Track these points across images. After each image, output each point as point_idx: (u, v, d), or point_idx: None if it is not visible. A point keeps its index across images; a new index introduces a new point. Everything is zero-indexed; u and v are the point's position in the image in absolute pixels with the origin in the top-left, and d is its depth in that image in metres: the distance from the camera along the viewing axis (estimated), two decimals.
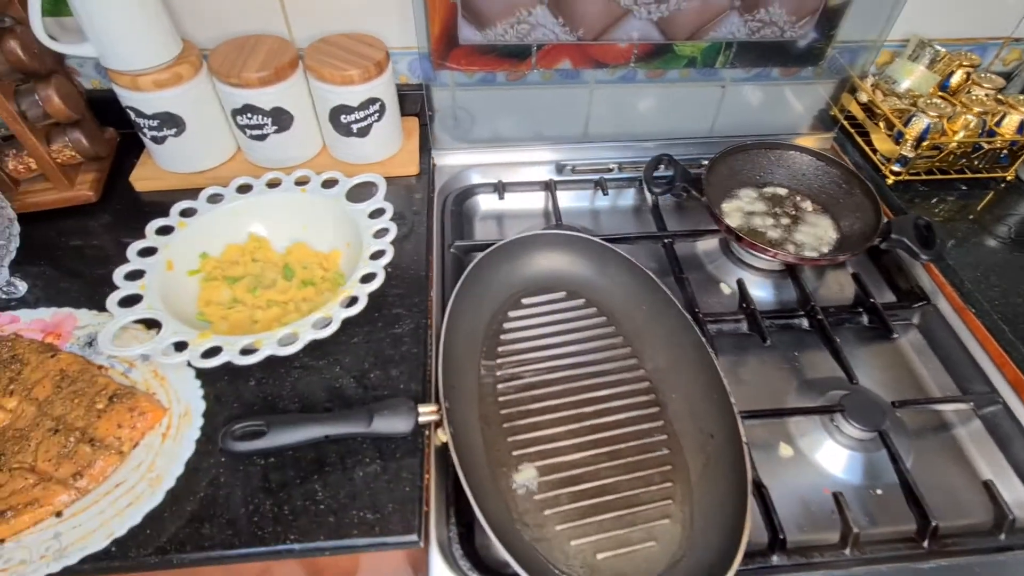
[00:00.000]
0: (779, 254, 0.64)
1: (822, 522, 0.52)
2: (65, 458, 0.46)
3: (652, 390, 0.56)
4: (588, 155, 0.83)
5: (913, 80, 0.77)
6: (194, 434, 0.48)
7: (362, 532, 0.45)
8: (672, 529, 0.48)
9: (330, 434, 0.47)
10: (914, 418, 0.59)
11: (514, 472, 0.51)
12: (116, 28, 0.58)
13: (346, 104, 0.67)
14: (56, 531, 0.43)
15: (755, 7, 0.73)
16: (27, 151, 0.63)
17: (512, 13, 0.71)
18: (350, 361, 0.56)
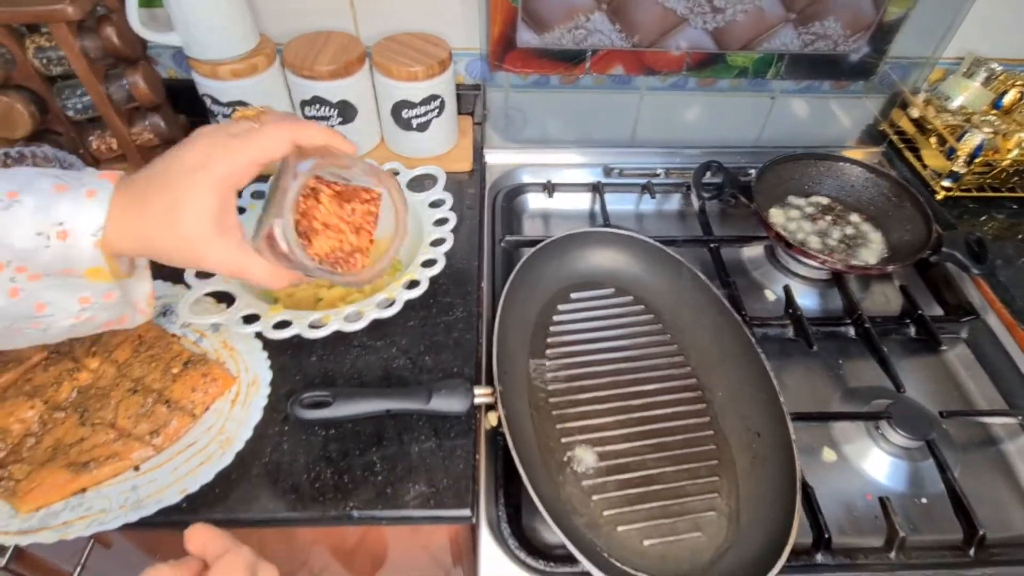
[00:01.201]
0: (828, 262, 0.65)
1: (865, 526, 0.52)
2: (143, 417, 0.48)
3: (698, 387, 0.57)
4: (635, 159, 0.85)
5: (966, 97, 0.77)
6: (261, 402, 0.50)
7: (417, 504, 0.47)
8: (718, 522, 0.49)
9: (391, 408, 0.49)
10: (960, 430, 0.59)
11: (573, 452, 0.52)
12: (203, 20, 0.62)
13: (409, 100, 0.69)
14: (134, 484, 0.46)
15: (810, 20, 0.74)
16: (111, 132, 0.67)
17: (571, 18, 0.73)
18: (406, 343, 0.58)
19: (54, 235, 0.33)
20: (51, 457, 0.46)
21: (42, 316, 0.35)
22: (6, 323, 0.35)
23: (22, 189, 0.33)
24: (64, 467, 0.45)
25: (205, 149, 0.35)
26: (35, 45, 0.61)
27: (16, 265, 0.33)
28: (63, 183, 0.33)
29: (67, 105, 0.65)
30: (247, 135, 0.35)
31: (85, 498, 0.45)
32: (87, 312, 0.37)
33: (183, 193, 0.34)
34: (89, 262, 0.34)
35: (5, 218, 0.32)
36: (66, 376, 0.51)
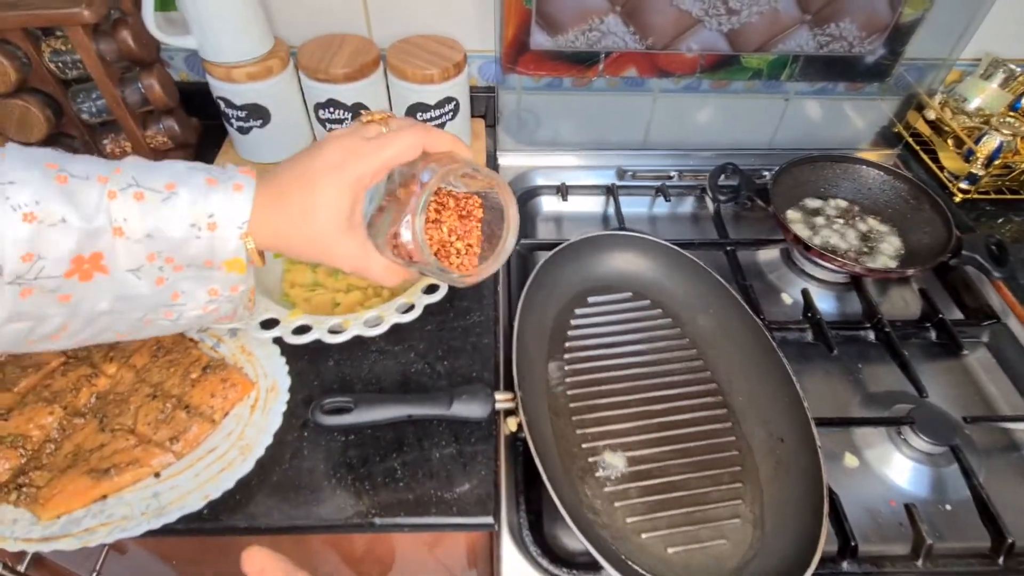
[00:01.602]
0: (847, 265, 0.64)
1: (890, 534, 0.52)
2: (162, 423, 0.48)
3: (719, 391, 0.57)
4: (648, 162, 0.85)
5: (984, 99, 0.76)
6: (281, 407, 0.50)
7: (440, 511, 0.47)
8: (743, 529, 0.48)
9: (412, 414, 0.48)
10: (983, 435, 0.58)
11: (594, 458, 0.51)
12: (219, 23, 0.62)
13: (424, 102, 0.69)
14: (155, 491, 0.45)
15: (826, 21, 0.74)
16: (125, 135, 0.67)
17: (584, 20, 0.73)
18: (424, 348, 0.58)
19: (205, 226, 0.34)
20: (71, 463, 0.46)
21: (175, 305, 0.37)
22: (142, 312, 0.37)
23: (179, 182, 0.34)
24: (85, 473, 0.45)
25: (342, 151, 0.36)
26: (51, 48, 0.61)
27: (167, 255, 0.35)
28: (213, 177, 0.35)
29: (82, 108, 0.65)
30: (381, 139, 0.37)
31: (106, 505, 0.45)
32: (213, 304, 0.38)
33: (321, 192, 0.36)
34: (232, 253, 0.36)
35: (164, 209, 0.34)
36: (84, 382, 0.50)
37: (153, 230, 0.34)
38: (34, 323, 0.34)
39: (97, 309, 0.35)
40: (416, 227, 0.36)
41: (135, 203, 0.33)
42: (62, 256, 0.32)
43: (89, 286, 0.33)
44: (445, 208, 0.42)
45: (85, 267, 0.33)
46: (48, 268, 0.32)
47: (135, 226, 0.33)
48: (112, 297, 0.35)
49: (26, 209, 0.30)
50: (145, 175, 0.34)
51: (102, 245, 0.33)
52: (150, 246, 0.34)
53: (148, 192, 0.33)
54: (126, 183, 0.33)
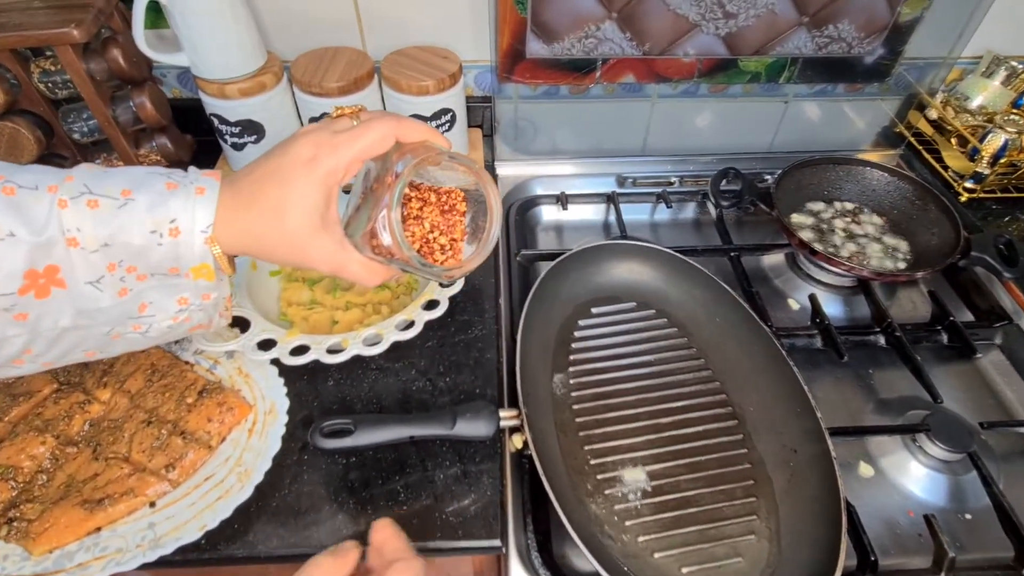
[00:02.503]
0: (855, 269, 0.63)
1: (910, 545, 0.50)
2: (158, 450, 0.47)
3: (729, 403, 0.55)
4: (647, 168, 0.84)
5: (986, 97, 0.76)
6: (279, 430, 0.49)
7: (445, 535, 0.45)
8: (758, 545, 0.47)
9: (415, 435, 0.47)
10: (999, 440, 0.57)
11: (603, 475, 0.50)
12: (211, 39, 0.61)
13: (420, 114, 0.68)
14: (150, 521, 0.44)
15: (824, 23, 0.73)
16: (117, 154, 0.66)
17: (580, 27, 0.72)
18: (425, 364, 0.56)
19: (166, 232, 0.33)
20: (64, 495, 0.44)
21: (143, 316, 0.35)
22: (108, 327, 0.35)
23: (136, 187, 0.33)
24: (78, 505, 0.43)
25: (312, 146, 0.35)
26: (40, 69, 0.60)
27: (128, 264, 0.33)
28: (173, 181, 0.34)
29: (73, 128, 0.64)
30: (352, 132, 0.36)
31: (100, 537, 0.43)
32: (184, 313, 0.37)
33: (291, 188, 0.34)
34: (198, 259, 0.34)
35: (121, 216, 0.32)
36: (77, 409, 0.49)
37: (109, 238, 0.32)
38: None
39: (59, 326, 0.33)
40: (392, 221, 0.35)
41: (88, 211, 0.32)
42: (14, 271, 0.30)
43: (47, 302, 0.32)
44: (427, 204, 0.41)
45: (41, 282, 0.31)
46: (1, 286, 0.30)
47: (89, 235, 0.32)
48: (73, 312, 0.33)
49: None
50: (98, 182, 0.33)
51: (56, 257, 0.31)
52: (109, 255, 0.32)
53: (103, 199, 0.32)
54: (78, 191, 0.32)
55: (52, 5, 0.58)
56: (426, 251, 0.40)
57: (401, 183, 0.35)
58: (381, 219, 0.35)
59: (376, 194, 0.36)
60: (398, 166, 0.35)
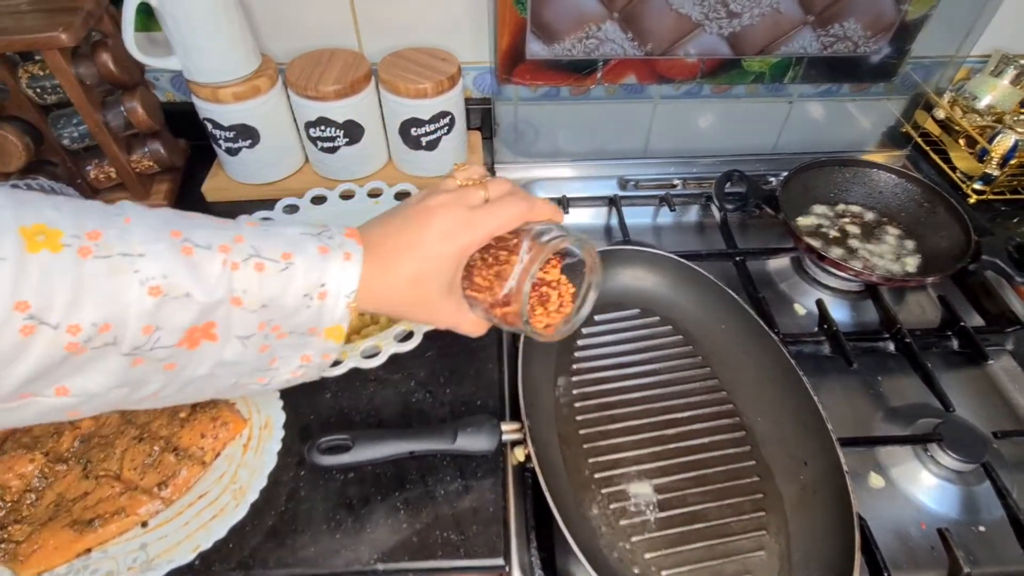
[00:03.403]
0: (863, 273, 0.62)
1: (922, 559, 0.49)
2: (150, 467, 0.45)
3: (736, 413, 0.54)
4: (649, 171, 0.82)
5: (995, 96, 0.74)
6: (275, 446, 0.47)
7: (447, 554, 0.44)
8: (768, 562, 0.45)
9: (415, 450, 0.46)
10: (1012, 450, 0.56)
11: (608, 489, 0.49)
12: (203, 43, 0.59)
13: (418, 117, 0.67)
14: (142, 542, 0.43)
15: (829, 22, 0.72)
16: (109, 160, 0.65)
17: (581, 28, 0.71)
18: (424, 375, 0.55)
19: (316, 296, 0.34)
20: (53, 515, 0.43)
21: (271, 369, 0.36)
22: (236, 378, 0.36)
23: (295, 251, 0.34)
24: (67, 526, 0.42)
25: (452, 221, 0.37)
26: (28, 74, 0.58)
27: (275, 323, 0.34)
28: (324, 245, 0.35)
29: (63, 134, 0.62)
30: (488, 210, 0.37)
31: (90, 559, 0.42)
32: (302, 370, 0.37)
33: (428, 262, 0.37)
34: (336, 321, 0.35)
35: (282, 280, 0.33)
36: (67, 425, 0.48)
37: (269, 300, 0.33)
38: (133, 388, 0.32)
39: (196, 375, 0.34)
40: (523, 291, 0.36)
41: (255, 274, 0.32)
42: (178, 327, 0.31)
43: (194, 353, 0.32)
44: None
45: (196, 335, 0.32)
46: (163, 339, 0.31)
47: (254, 296, 0.33)
48: (212, 364, 0.34)
49: (153, 283, 0.29)
50: (263, 243, 0.33)
51: (218, 315, 0.32)
52: (263, 315, 0.33)
53: (268, 263, 0.33)
54: (247, 253, 0.33)
55: (40, 8, 0.57)
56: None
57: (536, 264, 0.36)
58: (508, 288, 0.37)
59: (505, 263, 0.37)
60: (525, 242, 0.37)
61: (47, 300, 0.26)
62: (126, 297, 0.29)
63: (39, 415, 0.31)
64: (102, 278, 0.28)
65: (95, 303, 0.28)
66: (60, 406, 0.30)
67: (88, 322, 0.28)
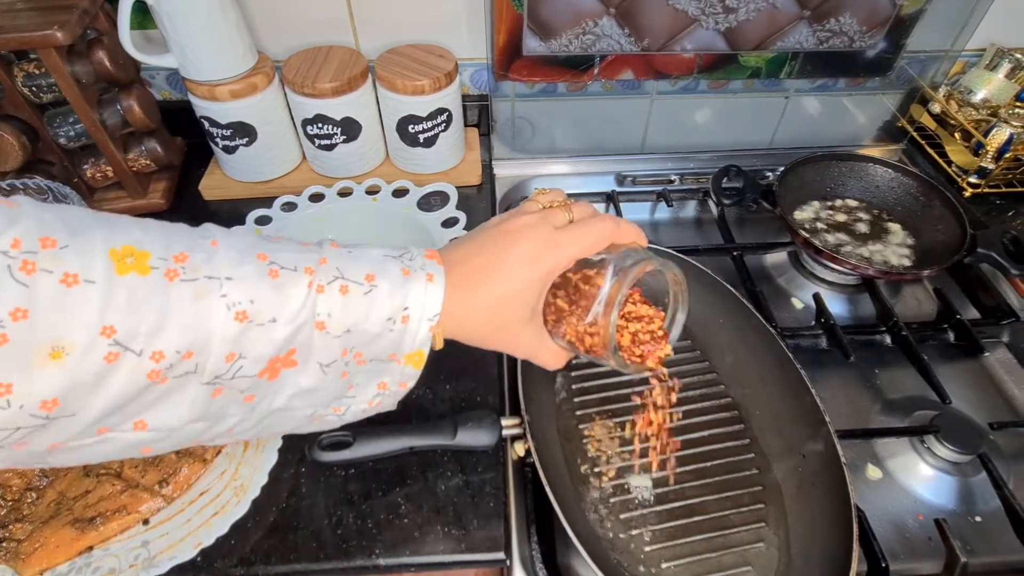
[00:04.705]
0: (859, 267, 0.62)
1: (920, 549, 0.49)
2: (151, 465, 0.46)
3: (735, 406, 0.54)
4: (646, 166, 0.83)
5: (990, 90, 0.75)
6: (276, 443, 0.47)
7: (448, 549, 0.44)
8: (768, 554, 0.46)
9: (415, 446, 0.46)
10: (1009, 441, 0.56)
11: (608, 483, 0.49)
12: (199, 40, 0.59)
13: (415, 114, 0.67)
14: (144, 539, 0.43)
15: (825, 17, 0.72)
16: (105, 159, 0.65)
17: (578, 24, 0.71)
18: (425, 371, 0.55)
19: (399, 320, 0.32)
20: (54, 513, 0.43)
21: (348, 398, 0.35)
22: (312, 409, 0.34)
23: (378, 273, 0.32)
24: (68, 524, 0.42)
25: (537, 242, 0.35)
26: (24, 73, 0.58)
27: (358, 350, 0.32)
28: (406, 267, 0.33)
29: (59, 133, 0.62)
30: (574, 231, 0.36)
31: (92, 557, 0.42)
32: (378, 398, 0.36)
33: (513, 285, 0.35)
34: (418, 346, 0.34)
35: (366, 303, 0.31)
36: None
37: (353, 325, 0.31)
38: (212, 423, 0.31)
39: (273, 407, 0.32)
40: (610, 323, 0.34)
41: (340, 297, 0.31)
42: (263, 356, 0.30)
43: (274, 384, 0.31)
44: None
45: (277, 365, 0.30)
46: (246, 368, 0.29)
47: (338, 320, 0.31)
48: (291, 393, 0.32)
49: (240, 308, 0.28)
50: (348, 265, 0.32)
51: (300, 340, 0.30)
52: (347, 341, 0.32)
53: (352, 285, 0.31)
54: (332, 275, 0.31)
55: (35, 6, 0.56)
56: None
57: (622, 294, 0.34)
58: (594, 315, 0.35)
59: (580, 290, 0.36)
60: (610, 268, 0.35)
61: (133, 326, 0.26)
62: (211, 323, 0.28)
63: (116, 452, 0.30)
64: (187, 302, 0.27)
65: (180, 328, 0.27)
66: (136, 441, 0.29)
67: (172, 348, 0.27)
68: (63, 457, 0.29)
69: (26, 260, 0.24)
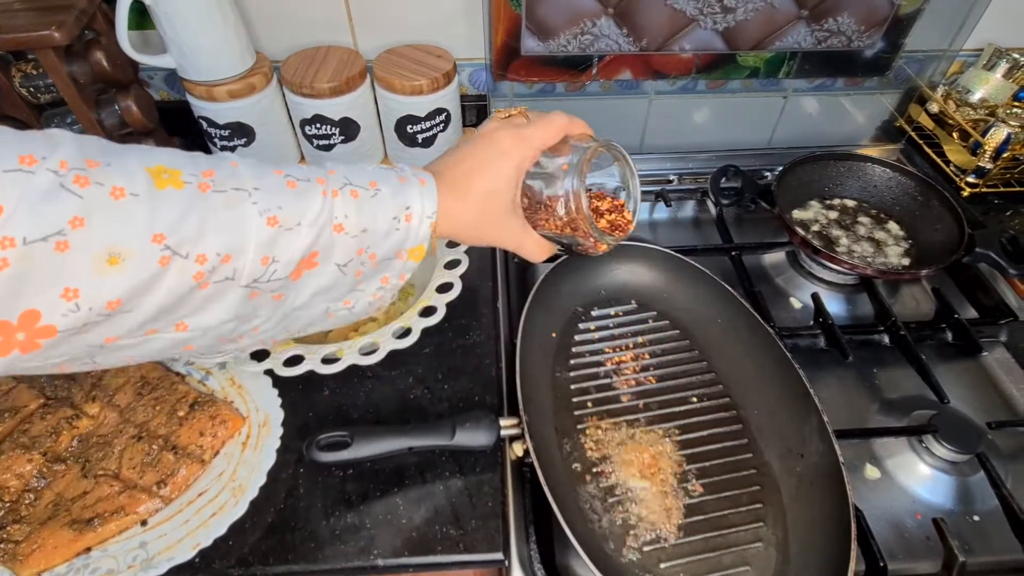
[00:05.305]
0: (857, 267, 0.62)
1: (918, 549, 0.50)
2: (149, 466, 0.45)
3: (733, 406, 0.54)
4: (645, 167, 0.82)
5: (987, 89, 0.75)
6: (274, 443, 0.47)
7: (446, 549, 0.44)
8: (766, 553, 0.46)
9: (414, 446, 0.46)
10: (1006, 440, 0.56)
11: (606, 483, 0.49)
12: (197, 41, 0.59)
13: (413, 114, 0.67)
14: (142, 540, 0.43)
15: (823, 16, 0.72)
16: None
17: (576, 23, 0.71)
18: (422, 371, 0.55)
19: (403, 218, 0.37)
20: (52, 514, 0.43)
21: (357, 291, 0.39)
22: (326, 304, 0.38)
23: (379, 180, 0.36)
24: (66, 525, 0.42)
25: (509, 138, 0.40)
26: (21, 73, 0.58)
27: (372, 251, 0.36)
28: (402, 176, 0.38)
29: None
30: (535, 126, 0.40)
31: (90, 558, 0.42)
32: (380, 291, 0.40)
33: (495, 178, 0.39)
34: (420, 241, 0.38)
35: (375, 204, 0.35)
36: (65, 424, 0.48)
37: (367, 224, 0.35)
38: (243, 321, 0.34)
39: (295, 304, 0.36)
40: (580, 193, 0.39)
41: (353, 200, 0.35)
42: (293, 259, 0.33)
43: (298, 283, 0.35)
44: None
45: (301, 267, 0.34)
46: (279, 271, 0.33)
47: (354, 221, 0.35)
48: (311, 292, 0.36)
49: (270, 213, 0.32)
50: (353, 174, 0.36)
51: (322, 243, 0.34)
52: (363, 240, 0.36)
53: (360, 190, 0.35)
54: (342, 183, 0.35)
55: (32, 6, 0.56)
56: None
57: (583, 163, 0.39)
58: (566, 193, 0.40)
59: (557, 172, 0.40)
60: (573, 157, 0.40)
61: (179, 232, 0.28)
62: (247, 227, 0.31)
63: (160, 350, 0.33)
64: (222, 210, 0.30)
65: (218, 232, 0.30)
66: (179, 340, 0.33)
67: (213, 251, 0.30)
68: (114, 356, 0.32)
69: (77, 175, 0.27)
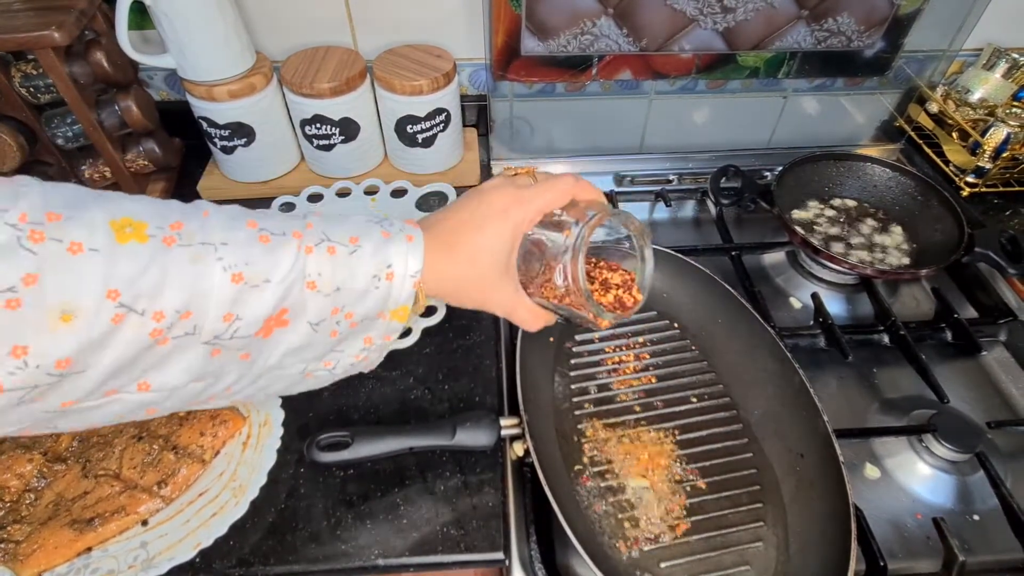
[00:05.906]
0: (857, 267, 0.62)
1: (918, 548, 0.50)
2: (149, 466, 0.45)
3: (733, 406, 0.54)
4: (645, 166, 0.83)
5: (987, 89, 0.75)
6: (275, 443, 0.47)
7: (447, 549, 0.44)
8: (766, 553, 0.46)
9: (414, 446, 0.46)
10: (1006, 439, 0.56)
11: (606, 483, 0.49)
12: (197, 40, 0.59)
13: (413, 114, 0.67)
14: (142, 540, 0.43)
15: (823, 16, 0.72)
16: (103, 160, 0.65)
17: (576, 23, 0.71)
18: (423, 372, 0.55)
19: (384, 277, 0.35)
20: (52, 514, 0.43)
21: (335, 352, 0.37)
22: (304, 364, 0.36)
23: (361, 235, 0.35)
24: (67, 525, 0.42)
25: (506, 198, 0.38)
26: (21, 73, 0.58)
27: (348, 310, 0.35)
28: (386, 230, 0.36)
29: (57, 134, 0.62)
30: (538, 187, 0.38)
31: (91, 558, 0.42)
32: (364, 352, 0.38)
33: (488, 235, 0.37)
34: (403, 302, 0.36)
35: (352, 261, 0.34)
36: None
37: (342, 283, 0.34)
38: (211, 382, 0.33)
39: (267, 365, 0.34)
40: (578, 263, 0.36)
41: (328, 256, 0.33)
42: (259, 317, 0.32)
43: (267, 342, 0.33)
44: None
45: (271, 324, 0.32)
46: (242, 329, 0.31)
47: (328, 279, 0.33)
48: (282, 352, 0.34)
49: (235, 270, 0.30)
50: (332, 229, 0.34)
51: (291, 300, 0.32)
52: (337, 300, 0.34)
53: (338, 246, 0.34)
54: (319, 238, 0.33)
55: (32, 7, 0.56)
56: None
57: (582, 237, 0.36)
58: (563, 263, 0.37)
59: (555, 244, 0.38)
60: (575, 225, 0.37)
61: (135, 288, 0.28)
62: (207, 284, 0.29)
63: (123, 412, 0.32)
64: (185, 264, 0.29)
65: (179, 289, 0.29)
66: (142, 402, 0.31)
67: (171, 308, 0.29)
68: (75, 419, 0.31)
69: (33, 230, 0.26)
